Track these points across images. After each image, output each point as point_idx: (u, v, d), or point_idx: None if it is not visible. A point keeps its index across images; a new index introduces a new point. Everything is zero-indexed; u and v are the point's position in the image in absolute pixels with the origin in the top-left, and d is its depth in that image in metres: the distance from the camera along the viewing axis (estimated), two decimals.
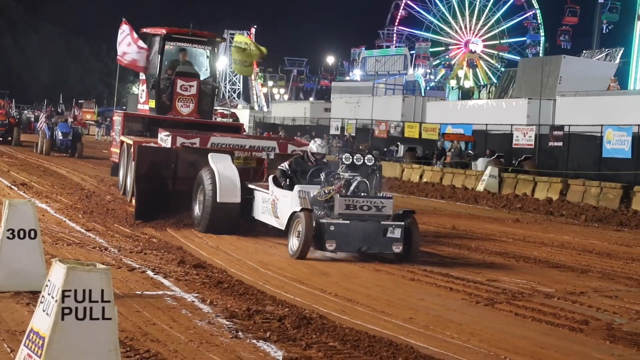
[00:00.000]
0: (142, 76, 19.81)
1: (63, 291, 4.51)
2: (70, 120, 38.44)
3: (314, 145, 13.24)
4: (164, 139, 15.37)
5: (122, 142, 18.47)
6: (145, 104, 19.43)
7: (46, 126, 36.46)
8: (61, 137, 35.19)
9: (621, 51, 56.09)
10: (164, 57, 19.06)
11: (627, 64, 55.95)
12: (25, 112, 70.55)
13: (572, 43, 66.70)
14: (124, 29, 20.21)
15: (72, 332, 4.54)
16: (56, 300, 4.53)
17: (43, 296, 4.71)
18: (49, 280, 4.69)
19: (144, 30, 20.07)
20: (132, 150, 16.61)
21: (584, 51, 58.09)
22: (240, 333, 7.08)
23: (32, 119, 62.84)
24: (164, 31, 19.17)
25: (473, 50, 79.50)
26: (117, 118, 20.30)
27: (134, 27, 21.05)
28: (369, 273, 10.93)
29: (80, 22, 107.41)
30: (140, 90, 20.10)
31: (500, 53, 79.96)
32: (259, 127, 60.30)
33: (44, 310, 4.65)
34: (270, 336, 7.00)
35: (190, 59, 19.70)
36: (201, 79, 19.32)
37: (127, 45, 20.01)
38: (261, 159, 15.19)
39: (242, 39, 22.72)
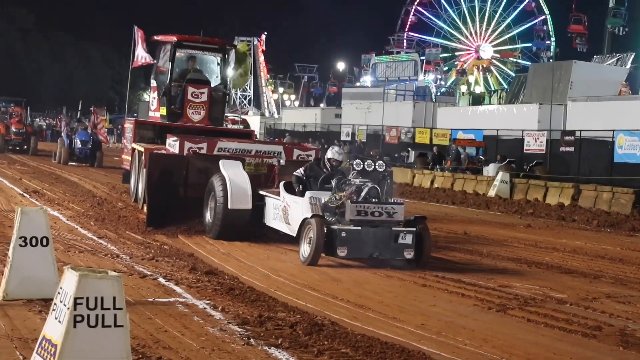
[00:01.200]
0: (153, 83, 19.87)
1: (75, 299, 4.52)
2: (89, 128, 37.00)
3: (331, 152, 13.23)
4: (172, 144, 15.50)
5: (133, 150, 18.50)
6: (156, 112, 19.46)
7: (65, 134, 35.45)
8: (80, 146, 33.92)
9: (632, 56, 55.93)
10: (174, 64, 19.10)
11: (638, 69, 55.77)
12: (37, 119, 70.77)
13: (587, 46, 66.49)
14: (138, 36, 21.24)
15: (84, 340, 4.54)
16: (68, 308, 4.54)
17: (55, 304, 4.72)
18: (61, 288, 4.70)
19: (155, 37, 20.14)
20: (143, 157, 16.64)
21: (595, 56, 57.99)
22: (252, 340, 7.08)
23: (44, 127, 62.91)
24: (174, 38, 19.21)
25: (481, 57, 79.42)
26: (129, 125, 20.36)
27: (145, 34, 21.54)
28: (380, 279, 10.91)
29: (92, 30, 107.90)
30: (151, 97, 20.15)
31: (511, 59, 79.87)
32: (269, 133, 60.37)
33: (56, 318, 4.66)
34: (282, 343, 6.99)
35: (201, 66, 19.73)
36: (212, 85, 19.35)
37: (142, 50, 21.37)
38: (272, 165, 15.20)
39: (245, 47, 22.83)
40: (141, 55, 21.43)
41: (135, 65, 22.01)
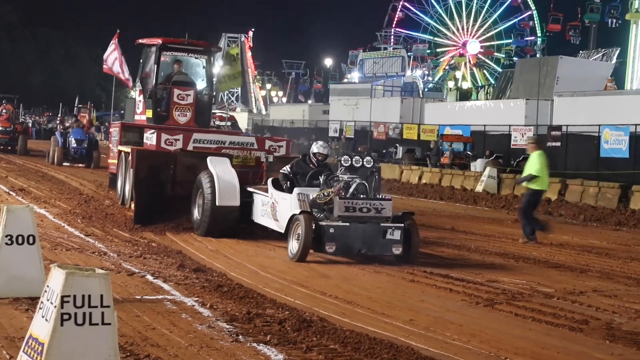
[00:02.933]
0: (139, 86, 19.78)
1: (62, 297, 4.51)
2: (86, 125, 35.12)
3: (316, 146, 13.22)
4: (150, 137, 15.98)
5: (119, 152, 18.37)
6: (142, 114, 19.35)
7: (58, 133, 32.88)
8: (75, 145, 31.66)
9: (617, 51, 56.20)
10: (160, 67, 19.02)
11: (623, 64, 56.04)
12: (24, 117, 70.31)
13: (581, 38, 66.69)
14: (115, 43, 21.74)
15: (71, 338, 4.53)
16: (55, 306, 4.52)
17: (42, 302, 4.71)
18: (47, 286, 4.69)
19: (140, 41, 19.97)
20: (130, 157, 16.53)
21: (581, 52, 58.21)
22: (240, 337, 7.07)
23: (30, 124, 62.37)
24: (159, 41, 19.13)
25: (463, 54, 79.62)
26: (115, 129, 20.18)
27: (131, 33, 21.56)
28: (369, 275, 10.92)
29: (78, 26, 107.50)
30: (137, 100, 20.02)
31: (496, 54, 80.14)
32: (257, 130, 60.34)
33: (43, 316, 4.64)
34: (270, 339, 6.99)
35: (187, 68, 19.62)
36: (198, 88, 19.29)
37: (114, 59, 21.82)
38: (260, 161, 15.22)
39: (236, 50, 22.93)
40: (111, 65, 21.87)
41: (105, 70, 22.68)
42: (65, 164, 31.18)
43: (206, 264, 11.08)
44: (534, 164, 15.25)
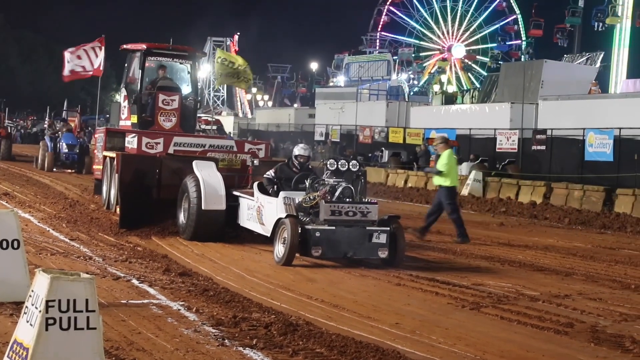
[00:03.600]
0: (124, 92, 19.72)
1: (47, 301, 4.49)
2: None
3: (297, 148, 13.27)
4: (131, 141, 16.28)
5: (104, 158, 18.30)
6: (127, 120, 19.27)
7: (48, 137, 31.50)
8: (66, 150, 30.46)
9: (601, 55, 56.51)
10: (144, 72, 18.98)
11: (607, 68, 56.37)
12: (8, 121, 69.90)
13: (568, 40, 67.11)
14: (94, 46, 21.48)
15: (56, 343, 4.51)
16: (40, 311, 4.50)
17: (27, 306, 4.69)
18: (32, 291, 4.67)
19: (124, 46, 19.91)
20: (115, 162, 16.48)
21: (565, 55, 58.50)
22: (226, 341, 7.06)
23: (15, 129, 62.04)
24: (144, 46, 19.09)
25: (447, 58, 79.94)
26: (100, 135, 20.09)
27: (117, 36, 21.44)
28: (355, 279, 10.93)
29: (62, 32, 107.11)
30: (122, 106, 19.92)
31: (480, 57, 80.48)
32: (243, 134, 60.31)
33: (27, 321, 4.62)
34: (256, 343, 6.98)
35: (172, 73, 19.59)
36: (183, 93, 19.25)
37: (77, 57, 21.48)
38: (246, 165, 15.23)
39: (224, 54, 22.83)
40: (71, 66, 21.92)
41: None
42: (56, 169, 30.26)
43: (192, 268, 11.06)
44: (443, 161, 15.94)
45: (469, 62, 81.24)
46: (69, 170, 30.30)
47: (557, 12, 68.60)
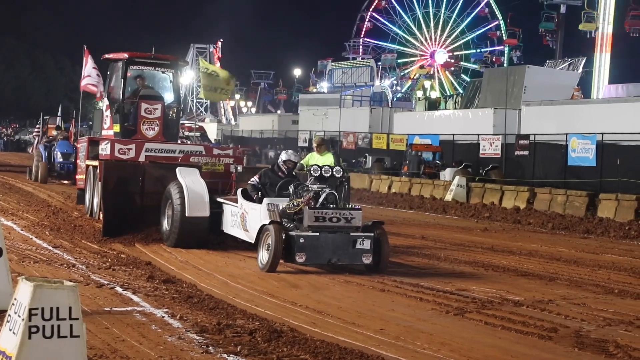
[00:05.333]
0: (106, 102, 19.64)
1: (30, 309, 4.47)
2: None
3: (286, 154, 13.25)
4: (104, 147, 16.87)
5: (87, 167, 18.24)
6: (109, 129, 19.19)
7: (42, 146, 29.25)
8: (60, 160, 28.11)
9: (583, 60, 56.85)
10: (127, 81, 18.93)
11: (589, 73, 56.70)
12: None
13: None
14: (87, 60, 21.78)
15: (39, 351, 4.48)
16: (23, 319, 4.48)
17: (9, 315, 4.66)
18: (15, 299, 4.64)
19: (106, 56, 19.82)
20: (98, 170, 16.42)
21: (547, 61, 58.79)
22: (210, 348, 7.04)
23: None
24: (126, 56, 19.02)
25: (435, 63, 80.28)
26: (82, 144, 19.99)
27: (100, 44, 21.37)
28: (339, 285, 10.93)
29: (45, 38, 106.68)
30: (104, 115, 19.82)
31: (465, 64, 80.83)
32: (225, 141, 60.26)
33: (10, 329, 4.59)
34: (241, 350, 6.97)
35: (153, 82, 19.53)
36: (165, 101, 19.20)
37: (88, 74, 21.85)
38: (229, 170, 15.24)
39: (207, 64, 22.81)
40: (88, 80, 21.77)
41: (82, 88, 22.46)
42: (51, 180, 28.16)
43: (176, 275, 11.03)
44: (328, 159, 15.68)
45: (452, 68, 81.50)
46: (65, 182, 27.80)
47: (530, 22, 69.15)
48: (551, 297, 10.48)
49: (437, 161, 34.72)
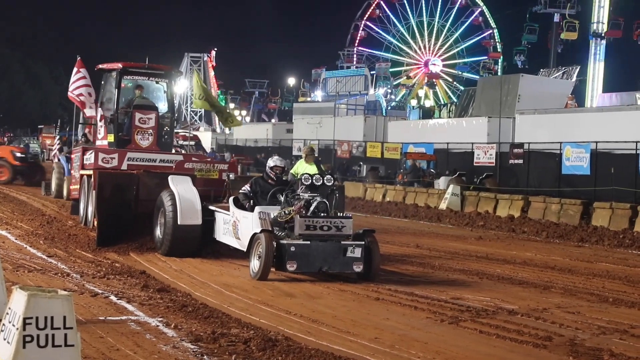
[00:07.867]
0: (100, 111, 19.60)
1: (24, 319, 4.46)
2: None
3: (272, 161, 13.31)
4: (89, 157, 17.24)
5: (81, 176, 18.21)
6: (104, 139, 19.17)
7: (64, 158, 25.49)
8: None
9: (577, 69, 57.00)
10: (121, 91, 18.93)
11: (583, 82, 56.88)
12: None
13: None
14: (81, 72, 20.82)
15: None
16: (17, 328, 4.47)
17: (4, 324, 4.65)
18: (9, 308, 4.63)
19: (100, 66, 19.81)
20: (92, 180, 16.40)
21: (541, 70, 58.93)
22: (205, 357, 7.03)
23: None
24: (120, 65, 19.03)
25: (432, 72, 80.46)
26: (76, 155, 19.92)
27: (94, 54, 21.17)
28: (333, 293, 10.92)
29: (38, 47, 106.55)
30: (98, 125, 19.76)
31: (459, 72, 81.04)
32: (220, 150, 60.21)
33: (4, 339, 4.59)
34: (235, 359, 6.95)
35: (148, 92, 19.53)
36: (159, 111, 19.20)
37: (80, 86, 20.94)
38: (222, 179, 15.25)
39: (201, 83, 22.73)
40: (78, 92, 21.22)
41: (70, 98, 21.59)
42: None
43: (170, 284, 11.02)
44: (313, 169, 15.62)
45: (446, 77, 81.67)
46: None
47: (540, 21, 69.14)
48: (546, 306, 10.49)
49: (432, 170, 34.78)
